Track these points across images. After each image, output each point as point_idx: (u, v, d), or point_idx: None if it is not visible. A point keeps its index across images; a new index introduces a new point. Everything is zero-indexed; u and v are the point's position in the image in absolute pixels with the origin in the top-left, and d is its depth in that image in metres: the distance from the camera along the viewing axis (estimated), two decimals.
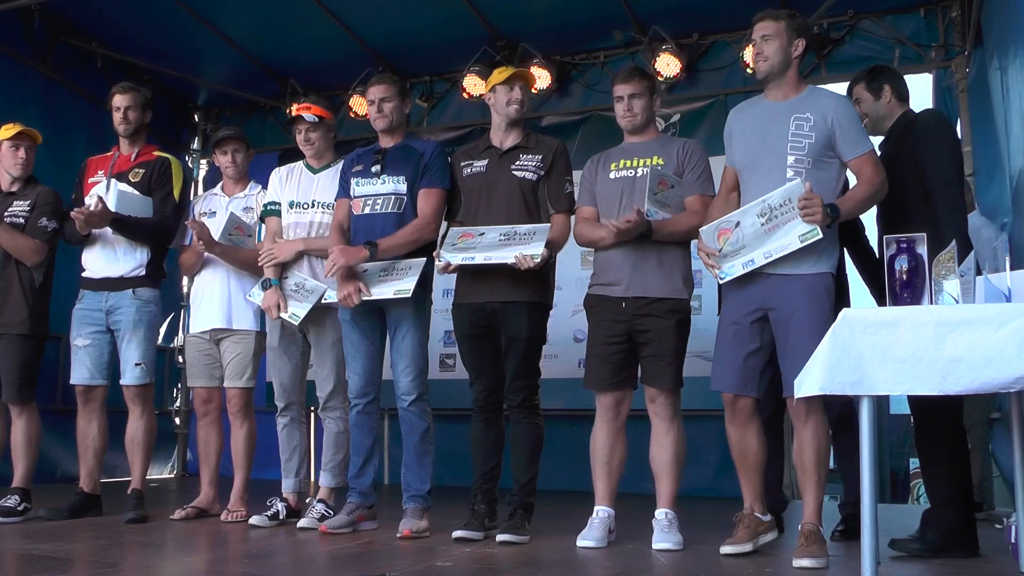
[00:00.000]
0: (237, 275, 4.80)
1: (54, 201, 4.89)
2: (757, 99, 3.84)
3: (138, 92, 4.99)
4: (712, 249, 3.59)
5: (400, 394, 4.17)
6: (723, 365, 3.61)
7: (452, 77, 7.82)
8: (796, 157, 3.53)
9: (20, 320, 4.72)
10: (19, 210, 4.82)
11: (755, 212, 3.47)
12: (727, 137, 3.82)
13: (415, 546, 3.82)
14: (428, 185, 4.21)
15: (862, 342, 2.83)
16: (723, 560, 3.42)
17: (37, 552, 3.72)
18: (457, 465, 6.33)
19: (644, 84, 4.01)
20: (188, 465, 8.58)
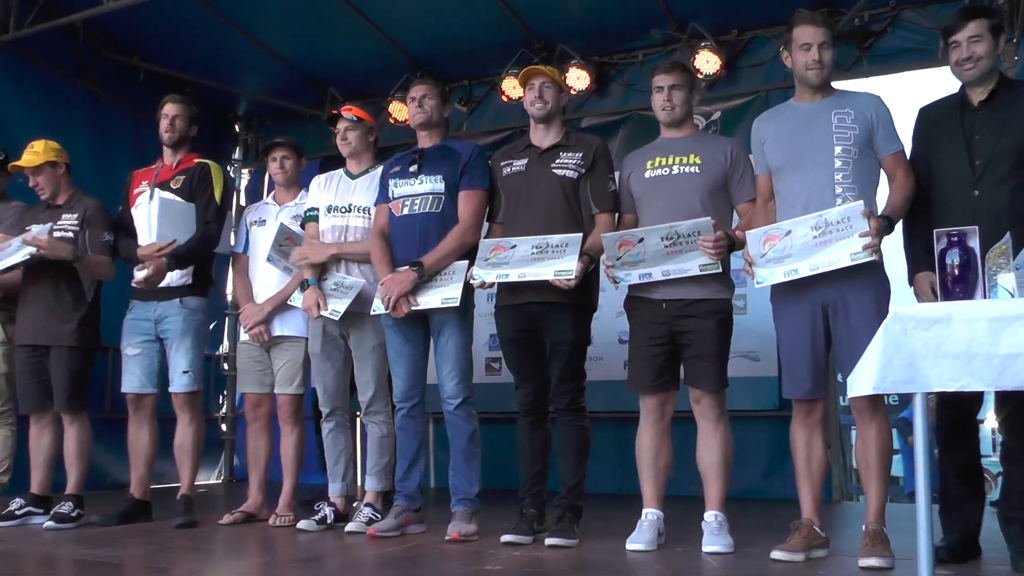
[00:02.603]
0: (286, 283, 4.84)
1: (105, 214, 4.96)
2: (784, 106, 3.83)
3: (188, 105, 5.07)
4: (752, 257, 3.54)
5: (446, 398, 4.16)
6: (798, 370, 3.55)
7: (491, 80, 7.81)
8: (843, 147, 3.53)
9: (69, 332, 4.78)
10: (68, 224, 4.89)
11: (809, 224, 3.43)
12: (758, 144, 3.76)
13: (463, 550, 3.82)
14: (468, 186, 4.21)
15: (914, 339, 2.76)
16: (774, 564, 3.37)
17: (90, 557, 3.78)
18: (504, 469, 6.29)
19: (684, 77, 3.98)
20: (235, 471, 8.66)
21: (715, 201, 3.85)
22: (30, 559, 3.88)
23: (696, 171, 3.86)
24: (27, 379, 4.88)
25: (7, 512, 4.76)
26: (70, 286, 4.80)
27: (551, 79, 4.18)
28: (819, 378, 3.56)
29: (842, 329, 3.46)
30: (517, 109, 7.33)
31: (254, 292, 4.93)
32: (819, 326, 3.52)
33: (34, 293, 4.81)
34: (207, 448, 5.43)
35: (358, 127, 4.66)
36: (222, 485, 8.43)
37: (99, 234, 4.86)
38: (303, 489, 5.00)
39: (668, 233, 3.70)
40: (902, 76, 6.66)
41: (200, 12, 6.89)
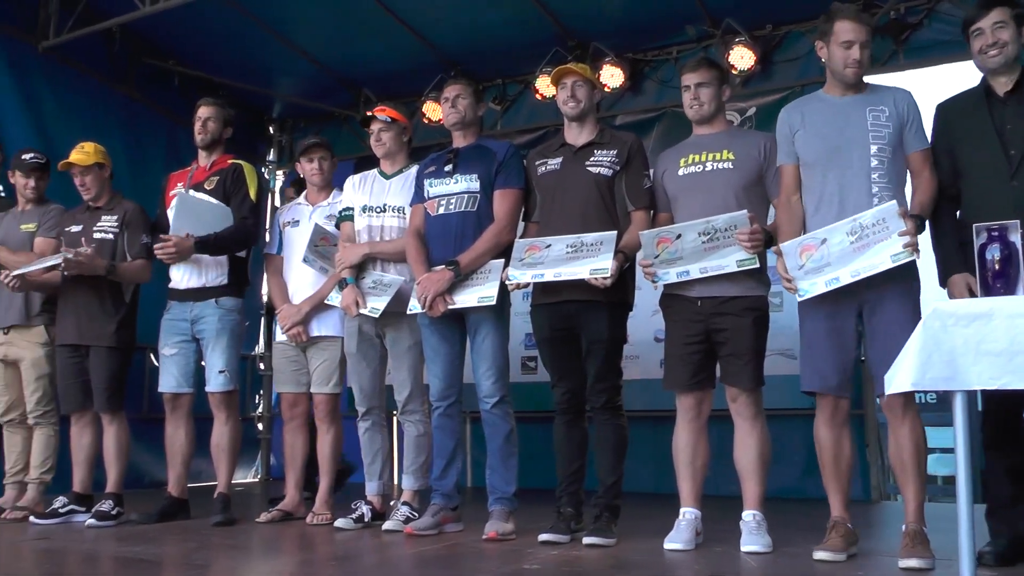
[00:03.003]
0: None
1: (144, 217, 5.02)
2: (813, 96, 3.77)
3: (222, 108, 5.11)
4: (791, 273, 3.48)
5: (482, 397, 4.16)
6: (822, 365, 3.51)
7: (524, 79, 7.79)
8: (879, 147, 3.50)
9: (108, 333, 4.85)
10: (107, 225, 4.96)
11: (844, 230, 3.39)
12: (788, 134, 3.70)
13: (501, 548, 3.81)
14: (503, 185, 4.21)
15: (954, 335, 2.71)
16: (815, 564, 3.33)
17: (131, 555, 3.82)
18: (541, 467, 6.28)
19: (712, 73, 3.94)
20: (272, 469, 8.72)
21: (750, 196, 3.81)
22: (73, 556, 3.93)
23: (730, 167, 3.83)
24: (68, 380, 4.94)
25: (51, 510, 4.84)
26: (110, 288, 4.86)
27: (583, 77, 4.16)
28: (848, 375, 3.51)
29: (878, 326, 3.42)
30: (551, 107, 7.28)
31: (289, 292, 4.95)
32: (849, 324, 3.47)
33: (74, 295, 4.88)
34: (244, 447, 5.47)
35: (392, 127, 4.67)
36: (259, 484, 8.49)
37: (137, 236, 4.92)
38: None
39: (705, 228, 3.68)
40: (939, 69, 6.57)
41: (234, 16, 6.96)
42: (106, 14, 6.78)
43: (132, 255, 4.92)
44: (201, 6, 6.37)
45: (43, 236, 5.12)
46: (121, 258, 4.91)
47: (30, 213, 5.24)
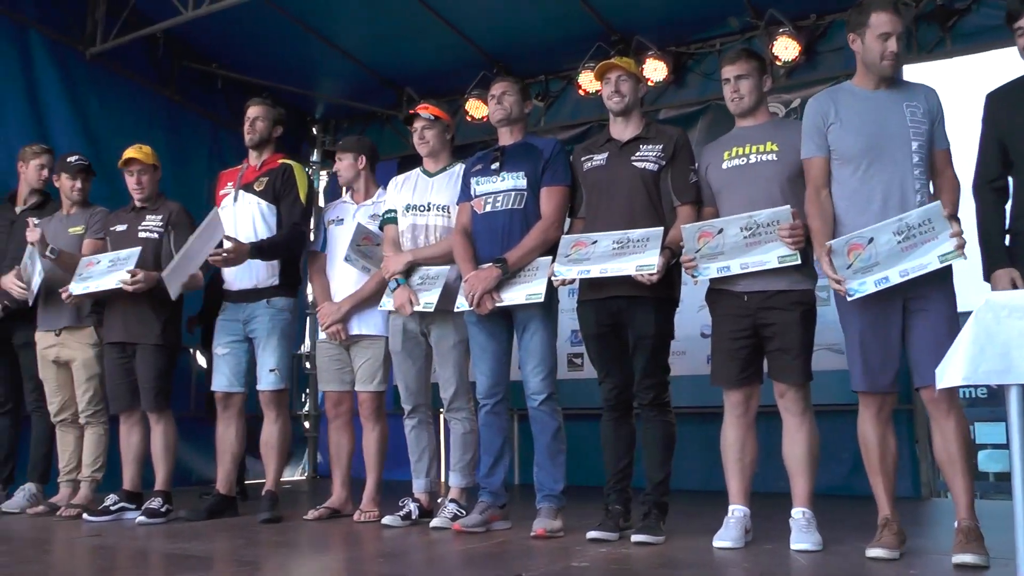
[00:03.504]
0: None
1: (188, 217, 5.08)
2: (843, 88, 3.69)
3: (271, 107, 5.15)
4: (839, 273, 3.42)
5: (530, 394, 4.15)
6: (871, 363, 3.45)
7: (567, 75, 7.80)
8: (919, 143, 3.46)
9: (154, 332, 4.90)
10: (152, 224, 5.02)
11: (892, 230, 3.33)
12: (820, 125, 3.60)
13: (549, 546, 3.80)
14: (550, 183, 4.19)
15: (1009, 328, 2.64)
16: (867, 562, 3.28)
17: (180, 551, 3.86)
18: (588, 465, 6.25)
19: (751, 64, 3.89)
20: (318, 467, 8.80)
21: (795, 188, 3.74)
22: (125, 552, 3.98)
23: (774, 159, 3.78)
24: (116, 379, 5.01)
25: (102, 507, 4.91)
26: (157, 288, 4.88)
27: (628, 71, 4.12)
28: (894, 372, 3.45)
29: (921, 321, 3.36)
30: (595, 103, 7.30)
31: (332, 291, 4.98)
32: (897, 320, 3.41)
33: (121, 294, 4.91)
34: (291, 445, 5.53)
35: (435, 125, 4.68)
36: (306, 481, 8.57)
37: (184, 237, 4.95)
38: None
39: (747, 223, 3.64)
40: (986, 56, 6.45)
41: (276, 18, 7.03)
42: (150, 20, 6.89)
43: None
44: (243, 9, 6.44)
45: (91, 238, 5.21)
46: (167, 258, 4.95)
47: (76, 216, 5.33)
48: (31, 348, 5.33)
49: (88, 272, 4.89)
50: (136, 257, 4.81)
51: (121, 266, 4.79)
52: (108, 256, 4.90)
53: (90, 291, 4.86)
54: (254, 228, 4.92)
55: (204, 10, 6.45)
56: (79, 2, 6.94)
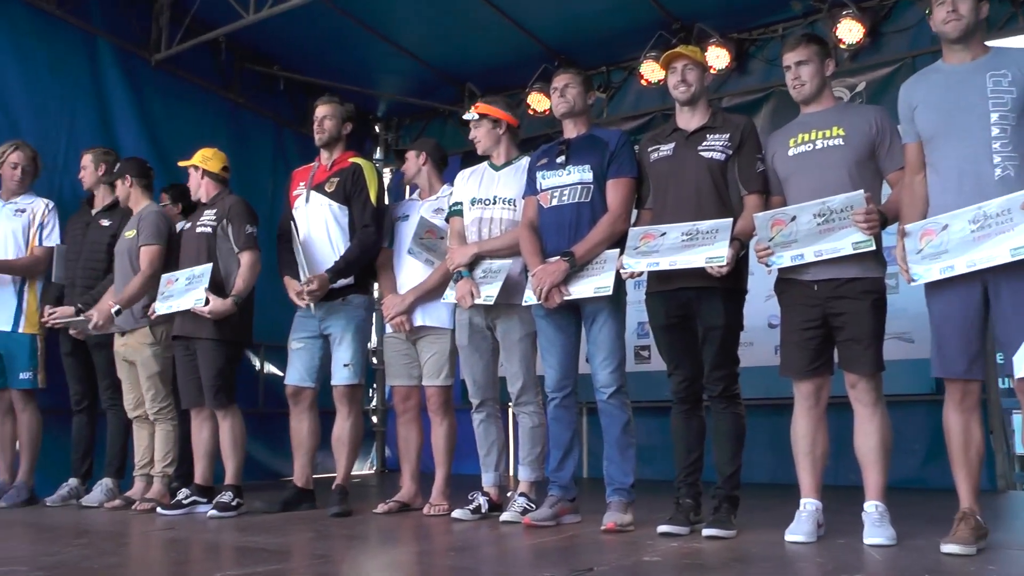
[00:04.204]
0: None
1: (247, 208, 5.14)
2: (932, 68, 3.59)
3: (337, 105, 5.19)
4: (908, 257, 3.36)
5: (599, 387, 4.14)
6: (950, 349, 3.37)
7: (629, 65, 7.76)
8: (1000, 114, 3.32)
9: (210, 326, 4.95)
10: (208, 220, 5.11)
11: (967, 218, 3.25)
12: (907, 111, 3.54)
13: (620, 540, 3.78)
14: (616, 175, 4.17)
15: None
16: (944, 558, 3.19)
17: (252, 544, 3.92)
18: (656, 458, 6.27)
19: (811, 49, 3.81)
20: (386, 461, 8.89)
21: (863, 173, 3.68)
22: (198, 545, 4.06)
23: (841, 143, 3.71)
24: (184, 376, 5.11)
25: (175, 502, 5.02)
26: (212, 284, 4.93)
27: (693, 60, 4.07)
28: (974, 358, 3.35)
29: (1006, 307, 3.26)
30: (657, 93, 7.27)
31: (398, 285, 5.01)
32: (976, 305, 3.32)
33: None
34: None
35: (482, 123, 4.69)
36: (375, 475, 8.66)
37: (242, 227, 5.04)
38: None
39: (820, 210, 3.58)
40: None
41: (337, 19, 7.11)
42: (212, 25, 7.03)
43: (239, 246, 5.04)
44: (303, 11, 6.53)
45: (144, 245, 5.28)
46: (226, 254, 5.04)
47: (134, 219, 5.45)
48: (105, 348, 5.47)
49: (169, 291, 5.01)
50: (208, 275, 4.89)
51: (196, 284, 4.89)
52: (185, 274, 4.98)
53: (173, 310, 4.97)
54: (327, 230, 4.99)
55: (265, 13, 6.55)
56: (144, 10, 7.13)
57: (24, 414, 5.47)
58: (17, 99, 6.15)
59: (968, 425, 3.39)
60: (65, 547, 3.79)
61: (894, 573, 3.11)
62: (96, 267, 5.60)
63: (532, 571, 3.28)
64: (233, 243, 5.04)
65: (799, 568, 3.24)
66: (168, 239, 5.32)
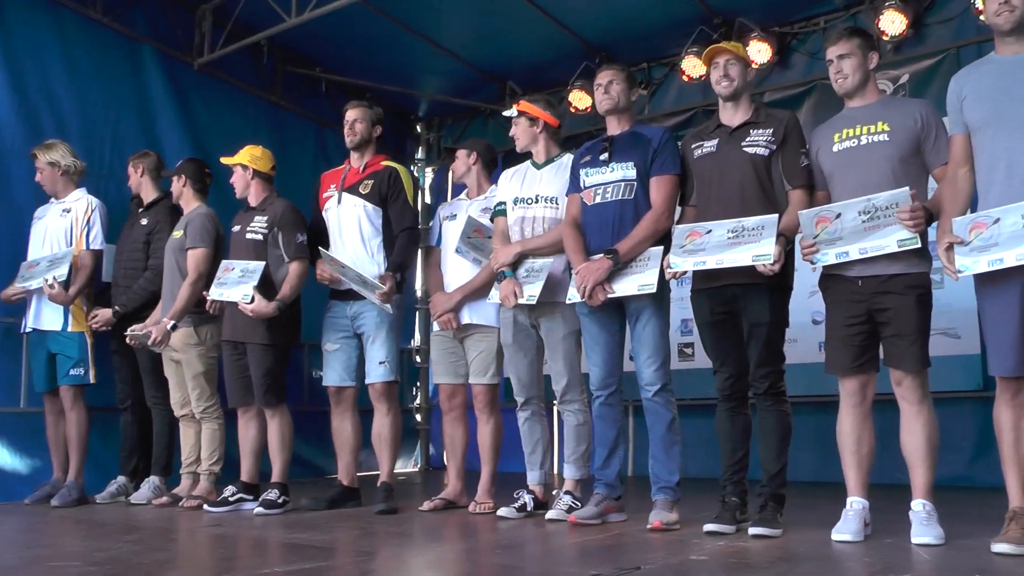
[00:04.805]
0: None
1: (296, 215, 5.18)
2: (984, 59, 3.54)
3: (367, 108, 5.23)
4: (948, 253, 3.32)
5: (644, 384, 4.14)
6: (1001, 344, 3.31)
7: (670, 61, 7.72)
8: None
9: (261, 330, 5.00)
10: (258, 226, 5.13)
11: (1020, 212, 3.19)
12: (955, 102, 3.49)
13: (666, 539, 3.78)
14: (660, 172, 4.16)
15: None
16: (994, 558, 3.14)
17: (299, 541, 3.97)
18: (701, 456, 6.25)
19: (854, 43, 3.76)
20: (431, 459, 8.94)
21: (908, 169, 3.64)
22: (245, 541, 4.11)
23: (885, 139, 3.67)
24: (231, 376, 5.17)
25: (221, 499, 5.10)
26: (265, 287, 4.98)
27: (736, 55, 4.06)
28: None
29: None
30: (699, 88, 7.23)
31: (445, 284, 5.05)
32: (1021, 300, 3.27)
33: None
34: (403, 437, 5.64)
35: (519, 121, 4.71)
36: (419, 473, 8.70)
37: (292, 236, 5.08)
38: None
39: (865, 207, 3.54)
40: None
41: (378, 21, 7.14)
42: (254, 28, 7.10)
43: (289, 255, 5.07)
44: (344, 14, 6.56)
45: (191, 248, 5.34)
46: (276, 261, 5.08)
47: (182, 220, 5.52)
48: (148, 347, 5.52)
49: (225, 278, 5.06)
50: (260, 273, 4.94)
51: (248, 279, 4.94)
52: (240, 265, 5.03)
53: (224, 299, 5.04)
54: (359, 229, 5.03)
55: (307, 16, 6.61)
56: (187, 16, 7.23)
57: (72, 412, 5.49)
58: (65, 105, 6.27)
59: (1019, 422, 3.33)
60: (115, 543, 3.86)
61: (944, 573, 3.08)
62: (135, 265, 5.68)
63: (578, 569, 3.29)
64: (283, 251, 5.09)
65: (847, 568, 3.22)
66: (216, 241, 5.38)
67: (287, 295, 5.01)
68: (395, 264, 4.94)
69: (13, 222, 5.83)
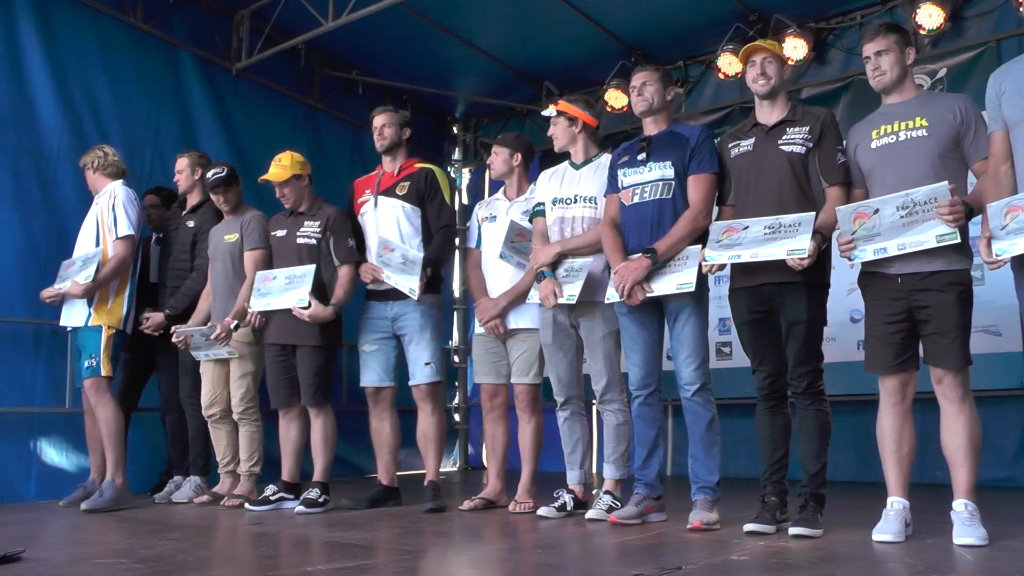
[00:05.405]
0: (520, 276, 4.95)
1: (347, 221, 5.23)
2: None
3: (394, 112, 5.30)
4: (992, 230, 3.28)
5: (683, 384, 4.13)
6: None
7: (706, 59, 7.70)
8: None
9: (314, 333, 5.05)
10: (311, 231, 5.18)
11: None
12: (994, 99, 3.46)
13: (706, 539, 3.77)
14: (697, 171, 4.16)
15: None
16: None
17: (341, 539, 4.01)
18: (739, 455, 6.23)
19: (891, 38, 3.74)
20: (469, 459, 8.99)
21: (947, 164, 3.60)
22: (287, 540, 4.15)
23: (924, 134, 3.64)
24: (276, 377, 5.22)
25: (262, 498, 5.14)
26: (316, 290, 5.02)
27: (773, 53, 4.05)
28: None
29: None
30: (735, 86, 7.20)
31: (488, 285, 5.07)
32: None
33: None
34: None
35: (558, 121, 4.71)
36: (457, 472, 8.74)
37: (343, 241, 5.13)
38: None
39: (904, 202, 3.50)
40: None
41: (415, 23, 7.19)
42: (292, 33, 7.17)
43: (340, 259, 5.12)
44: (381, 16, 6.61)
45: (250, 250, 5.39)
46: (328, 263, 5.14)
47: (230, 223, 5.54)
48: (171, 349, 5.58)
49: (267, 288, 5.09)
50: (311, 276, 4.97)
51: (298, 284, 4.97)
52: (284, 272, 5.07)
53: (270, 308, 5.06)
54: (398, 228, 5.08)
55: (344, 19, 6.66)
56: (225, 22, 7.33)
57: (97, 408, 5.24)
58: (107, 112, 6.37)
59: None
60: (159, 541, 3.92)
61: (987, 574, 3.05)
62: (182, 267, 5.74)
63: (619, 569, 3.30)
64: (334, 255, 5.14)
65: (889, 569, 3.20)
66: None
67: (341, 298, 5.08)
68: (428, 260, 4.97)
69: (59, 225, 5.94)
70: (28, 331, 5.88)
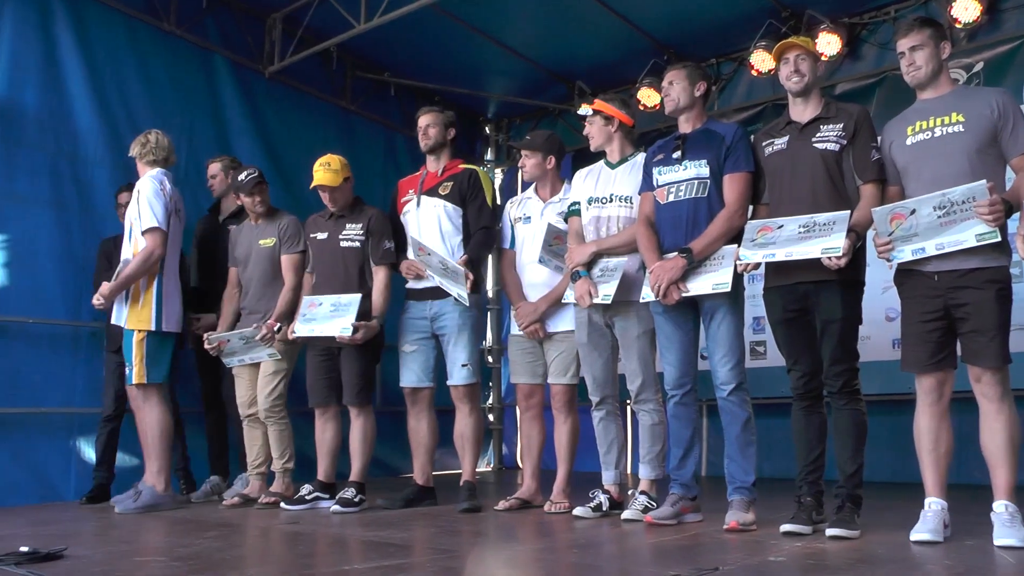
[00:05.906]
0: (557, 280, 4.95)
1: (386, 223, 5.25)
2: None
3: (439, 113, 5.31)
4: None
5: (719, 384, 4.12)
6: None
7: (739, 56, 7.67)
8: None
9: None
10: (353, 233, 5.20)
11: None
12: None
13: (743, 539, 3.76)
14: (733, 169, 4.14)
15: None
16: None
17: (377, 538, 4.03)
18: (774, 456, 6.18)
19: (925, 33, 3.70)
20: (503, 459, 9.00)
21: (985, 160, 3.55)
22: (323, 538, 4.18)
23: (960, 130, 3.59)
24: (316, 376, 5.25)
25: (298, 497, 5.18)
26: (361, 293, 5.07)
27: (806, 50, 4.02)
28: None
29: None
30: (768, 83, 7.16)
31: (524, 286, 5.07)
32: None
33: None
34: None
35: (594, 120, 4.69)
36: (491, 472, 8.77)
37: (380, 242, 5.17)
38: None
39: (941, 202, 3.46)
40: None
41: (446, 24, 7.21)
42: (324, 35, 7.22)
43: (375, 260, 5.16)
44: (412, 18, 6.63)
45: (287, 254, 5.43)
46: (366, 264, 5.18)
47: (265, 227, 5.56)
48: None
49: (312, 314, 5.09)
50: (356, 305, 4.96)
51: (343, 312, 4.97)
52: (330, 300, 5.06)
53: (315, 335, 5.07)
54: (439, 227, 5.11)
55: (376, 22, 6.70)
56: (257, 25, 7.40)
57: (139, 412, 5.26)
58: (142, 115, 6.42)
59: None
60: (196, 540, 3.96)
61: None
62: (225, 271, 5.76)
63: (656, 569, 3.30)
64: (370, 255, 5.19)
65: (928, 570, 3.16)
66: None
67: (382, 306, 5.12)
68: (466, 259, 4.98)
69: (96, 228, 6.04)
70: (67, 333, 5.96)
